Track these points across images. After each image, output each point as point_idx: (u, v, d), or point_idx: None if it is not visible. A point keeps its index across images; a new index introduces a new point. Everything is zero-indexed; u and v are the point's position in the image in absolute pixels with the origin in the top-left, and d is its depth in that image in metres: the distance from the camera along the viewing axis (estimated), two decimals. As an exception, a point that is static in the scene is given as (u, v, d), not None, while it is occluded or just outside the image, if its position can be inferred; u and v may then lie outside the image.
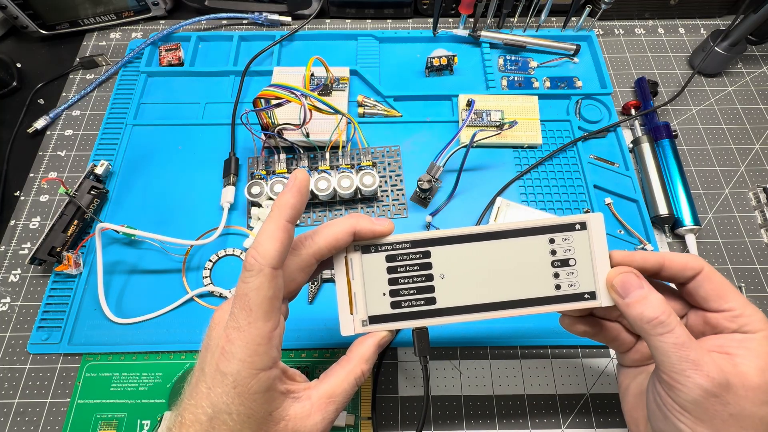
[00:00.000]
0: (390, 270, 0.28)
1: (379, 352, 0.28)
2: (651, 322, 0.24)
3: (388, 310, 0.28)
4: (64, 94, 0.54)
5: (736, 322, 0.25)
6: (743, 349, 0.24)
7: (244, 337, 0.22)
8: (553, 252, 0.28)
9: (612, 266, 0.27)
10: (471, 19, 0.58)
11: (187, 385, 0.25)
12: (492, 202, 0.44)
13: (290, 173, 0.45)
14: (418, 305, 0.28)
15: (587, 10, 0.54)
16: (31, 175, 0.49)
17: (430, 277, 0.28)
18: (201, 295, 0.41)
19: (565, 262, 0.28)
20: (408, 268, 0.28)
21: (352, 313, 0.28)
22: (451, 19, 0.60)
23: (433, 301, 0.28)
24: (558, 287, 0.28)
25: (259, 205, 0.44)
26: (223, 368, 0.22)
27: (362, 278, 0.28)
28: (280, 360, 0.25)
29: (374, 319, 0.28)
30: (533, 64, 0.54)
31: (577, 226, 0.28)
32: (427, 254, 0.28)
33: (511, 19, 0.57)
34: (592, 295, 0.28)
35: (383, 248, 0.28)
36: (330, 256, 0.27)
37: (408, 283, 0.28)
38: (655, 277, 0.27)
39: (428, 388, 0.29)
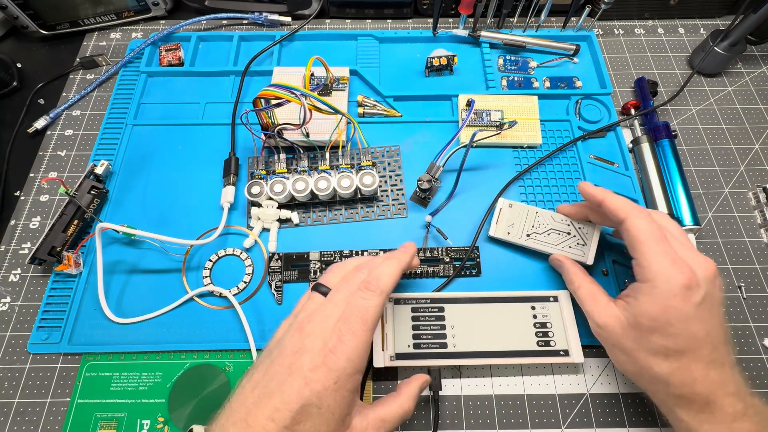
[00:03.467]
0: (413, 318, 0.37)
1: (421, 392, 0.34)
2: (569, 287, 0.38)
3: (411, 349, 0.36)
4: (64, 94, 0.54)
5: (637, 272, 0.31)
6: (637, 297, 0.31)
7: (356, 339, 0.26)
8: (535, 316, 0.38)
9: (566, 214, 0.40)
10: (471, 19, 0.58)
11: (238, 395, 0.27)
12: (494, 203, 0.44)
13: (290, 173, 0.45)
14: (433, 348, 0.36)
15: (587, 10, 0.54)
16: (32, 175, 0.49)
17: (443, 327, 0.37)
18: (201, 295, 0.41)
19: (543, 325, 0.38)
20: (427, 318, 0.37)
21: (383, 350, 0.36)
22: (450, 19, 0.60)
23: (445, 345, 0.37)
24: (539, 344, 0.37)
25: (259, 205, 0.44)
26: (330, 364, 0.26)
27: (393, 323, 0.37)
28: None
29: (400, 356, 0.36)
30: (533, 64, 0.54)
31: (551, 299, 0.38)
32: (442, 309, 0.38)
33: (511, 19, 0.57)
34: (566, 353, 0.37)
35: (410, 302, 0.38)
36: None
37: (427, 330, 0.37)
38: (599, 209, 0.35)
39: (437, 418, 0.36)
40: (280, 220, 0.44)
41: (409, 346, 0.36)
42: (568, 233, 0.38)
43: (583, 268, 0.37)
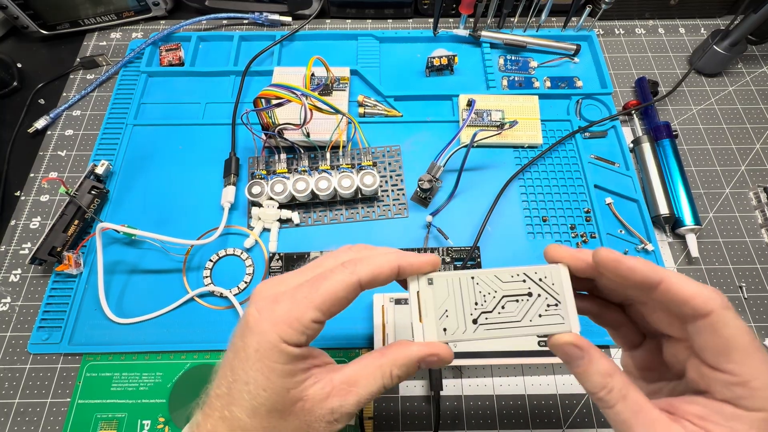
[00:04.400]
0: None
1: (421, 366, 0.24)
2: (593, 396, 0.21)
3: None
4: (64, 94, 0.54)
5: (732, 391, 0.19)
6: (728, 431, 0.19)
7: (292, 306, 0.21)
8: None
9: (604, 263, 0.21)
10: (471, 19, 0.58)
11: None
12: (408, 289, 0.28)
13: (291, 173, 0.45)
14: None
15: (587, 10, 0.54)
16: (32, 175, 0.49)
17: None
18: (201, 295, 0.41)
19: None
20: None
21: None
22: (451, 19, 0.60)
23: None
24: (540, 344, 0.37)
25: (259, 205, 0.44)
26: (252, 325, 0.21)
27: (393, 323, 0.36)
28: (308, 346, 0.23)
29: None
30: (533, 64, 0.54)
31: None
32: None
33: (512, 19, 0.57)
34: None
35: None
36: None
37: None
38: (648, 295, 0.21)
39: (438, 418, 0.35)
40: (280, 220, 0.44)
41: None
42: (529, 293, 0.23)
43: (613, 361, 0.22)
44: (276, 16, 0.58)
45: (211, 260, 0.43)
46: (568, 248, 0.23)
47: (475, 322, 0.24)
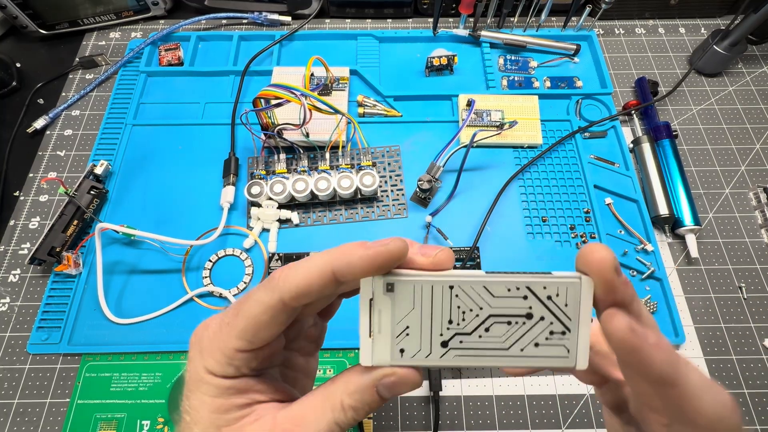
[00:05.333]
0: None
1: (381, 394, 0.18)
2: None
3: None
4: (63, 93, 0.54)
5: None
6: None
7: (215, 333, 0.19)
8: None
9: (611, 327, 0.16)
10: (471, 19, 0.58)
11: None
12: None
13: (290, 173, 0.45)
14: None
15: (587, 9, 0.54)
16: (31, 175, 0.49)
17: None
18: (201, 295, 0.41)
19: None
20: None
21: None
22: (451, 19, 0.60)
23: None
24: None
25: (258, 205, 0.44)
26: (189, 350, 0.20)
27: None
28: (252, 380, 0.20)
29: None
30: (533, 63, 0.54)
31: None
32: None
33: (511, 19, 0.57)
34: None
35: None
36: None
37: None
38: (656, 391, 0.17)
39: (437, 418, 0.35)
40: (280, 221, 0.44)
41: None
42: (529, 315, 0.17)
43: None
44: (275, 16, 0.58)
45: (210, 260, 0.43)
46: (615, 259, 0.16)
47: (444, 345, 0.18)
